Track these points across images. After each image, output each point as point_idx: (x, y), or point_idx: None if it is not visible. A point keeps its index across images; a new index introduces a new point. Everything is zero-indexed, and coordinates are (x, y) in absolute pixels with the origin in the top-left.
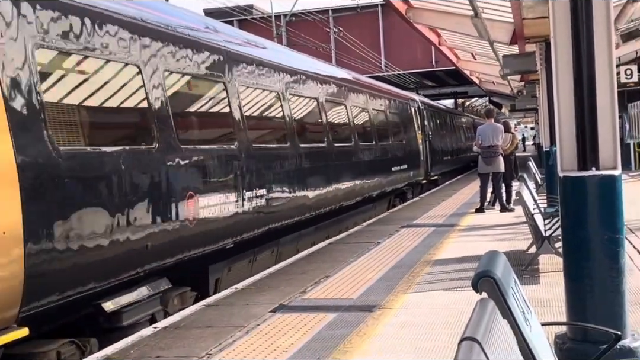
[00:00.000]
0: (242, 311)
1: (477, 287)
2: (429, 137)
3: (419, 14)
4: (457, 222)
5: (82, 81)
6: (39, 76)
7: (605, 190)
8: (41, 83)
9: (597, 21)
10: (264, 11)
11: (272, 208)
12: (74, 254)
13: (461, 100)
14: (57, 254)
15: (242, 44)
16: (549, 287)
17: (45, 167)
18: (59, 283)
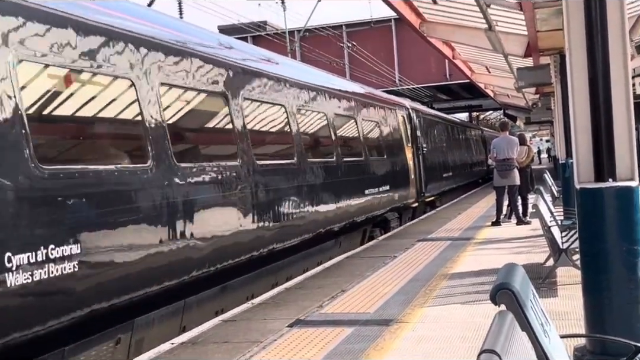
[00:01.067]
0: (259, 326)
1: (495, 300)
2: (423, 150)
3: (432, 28)
4: (473, 235)
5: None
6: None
7: (623, 202)
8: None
9: (612, 33)
10: (277, 27)
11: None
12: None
13: (476, 114)
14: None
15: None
16: (567, 299)
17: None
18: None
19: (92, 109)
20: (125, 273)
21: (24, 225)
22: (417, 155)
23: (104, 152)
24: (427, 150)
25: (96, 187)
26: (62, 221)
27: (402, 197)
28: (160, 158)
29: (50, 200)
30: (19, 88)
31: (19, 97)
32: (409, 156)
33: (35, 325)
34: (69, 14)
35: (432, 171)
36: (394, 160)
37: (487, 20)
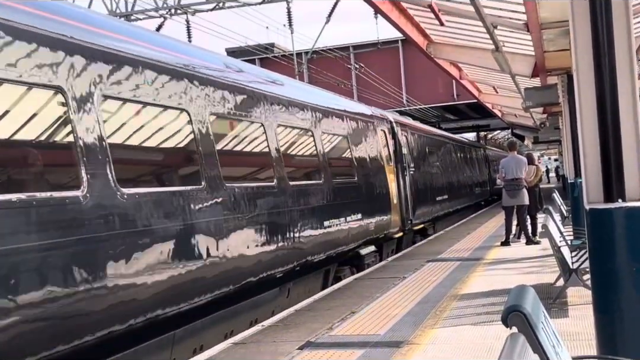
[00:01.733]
0: (270, 349)
1: (507, 322)
2: (410, 170)
3: (439, 49)
4: (482, 255)
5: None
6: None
7: (633, 222)
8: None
9: (619, 52)
10: (285, 49)
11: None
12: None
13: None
14: None
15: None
16: (578, 320)
17: None
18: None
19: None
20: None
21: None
22: (402, 176)
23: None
24: (416, 170)
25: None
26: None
27: (381, 226)
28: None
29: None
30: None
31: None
32: (390, 177)
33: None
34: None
35: (422, 194)
36: (370, 183)
37: (494, 41)
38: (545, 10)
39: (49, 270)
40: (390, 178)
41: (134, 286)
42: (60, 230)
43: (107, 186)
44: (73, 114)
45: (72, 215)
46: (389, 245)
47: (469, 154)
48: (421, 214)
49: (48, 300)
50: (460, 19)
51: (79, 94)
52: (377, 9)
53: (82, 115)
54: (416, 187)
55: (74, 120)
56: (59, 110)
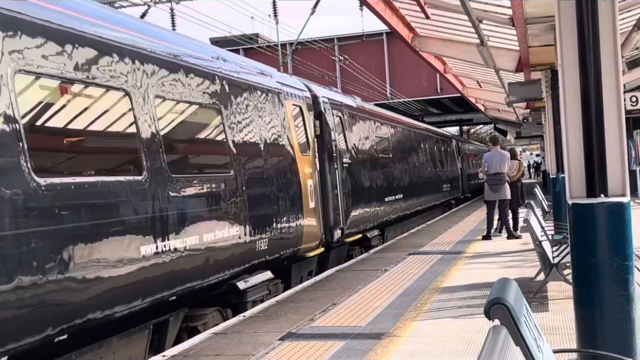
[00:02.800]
0: (251, 339)
1: (489, 315)
2: (343, 162)
3: (424, 42)
4: (464, 249)
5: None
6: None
7: (615, 217)
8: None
9: (604, 48)
10: (269, 40)
11: None
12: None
13: (466, 128)
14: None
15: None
16: (558, 314)
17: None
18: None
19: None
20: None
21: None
22: (330, 170)
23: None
24: (353, 163)
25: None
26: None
27: (285, 242)
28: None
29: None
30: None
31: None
32: (305, 172)
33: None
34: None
35: (363, 194)
36: (262, 179)
37: (479, 35)
38: (530, 5)
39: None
40: (305, 172)
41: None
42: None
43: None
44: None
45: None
46: (306, 266)
47: (437, 145)
48: (360, 220)
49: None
50: (445, 13)
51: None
52: (363, 1)
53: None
54: (354, 185)
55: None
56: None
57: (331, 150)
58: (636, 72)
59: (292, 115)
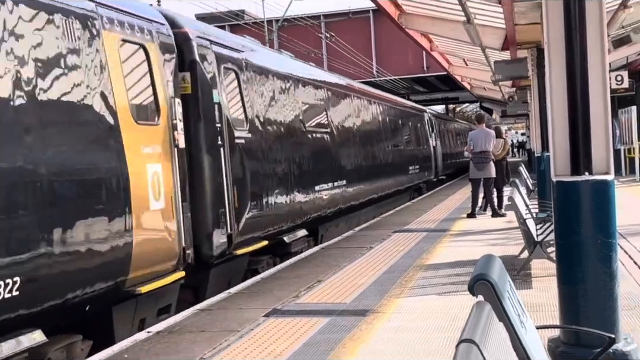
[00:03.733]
0: (236, 315)
1: (473, 290)
2: (234, 136)
3: (410, 20)
4: (449, 227)
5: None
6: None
7: (598, 195)
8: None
9: (590, 26)
10: (255, 16)
11: None
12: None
13: (452, 106)
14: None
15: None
16: (542, 291)
17: None
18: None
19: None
20: None
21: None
22: (209, 148)
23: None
24: (258, 138)
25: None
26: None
27: (75, 277)
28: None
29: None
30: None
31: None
32: (143, 151)
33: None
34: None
35: (273, 183)
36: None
37: (466, 12)
38: None
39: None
40: (143, 153)
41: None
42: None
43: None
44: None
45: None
46: (149, 304)
47: (402, 119)
48: (267, 220)
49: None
50: None
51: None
52: None
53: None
54: (255, 171)
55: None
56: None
57: (212, 119)
58: (622, 50)
59: (118, 57)
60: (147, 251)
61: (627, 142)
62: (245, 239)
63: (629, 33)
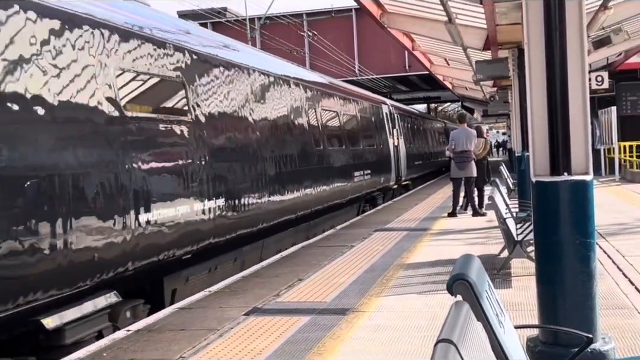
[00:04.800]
0: (216, 314)
1: (452, 290)
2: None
3: (392, 19)
4: (429, 226)
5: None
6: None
7: (577, 195)
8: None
9: (570, 27)
10: (238, 14)
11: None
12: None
13: (434, 105)
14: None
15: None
16: (521, 290)
17: None
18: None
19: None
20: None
21: None
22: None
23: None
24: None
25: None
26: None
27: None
28: None
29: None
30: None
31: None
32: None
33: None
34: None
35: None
36: None
37: (447, 12)
38: None
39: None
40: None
41: None
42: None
43: None
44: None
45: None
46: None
47: (343, 109)
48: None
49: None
50: None
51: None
52: None
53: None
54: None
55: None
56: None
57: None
58: (602, 51)
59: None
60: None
61: (607, 142)
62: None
63: (609, 34)
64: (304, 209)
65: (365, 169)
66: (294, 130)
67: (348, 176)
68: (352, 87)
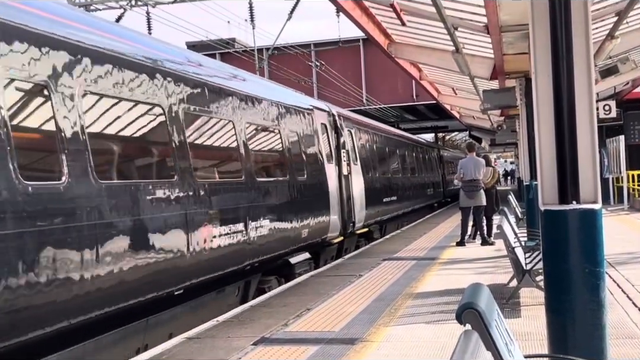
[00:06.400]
0: (224, 344)
1: (461, 319)
2: None
3: (400, 49)
4: (438, 255)
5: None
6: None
7: (586, 224)
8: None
9: (577, 57)
10: (246, 44)
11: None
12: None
13: (442, 135)
14: None
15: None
16: (530, 320)
17: None
18: None
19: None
20: None
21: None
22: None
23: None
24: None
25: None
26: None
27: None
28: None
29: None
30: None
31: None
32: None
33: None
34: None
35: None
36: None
37: (455, 42)
38: (505, 13)
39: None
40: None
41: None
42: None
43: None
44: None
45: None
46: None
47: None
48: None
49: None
50: (421, 20)
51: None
52: (340, 7)
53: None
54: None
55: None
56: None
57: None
58: (609, 80)
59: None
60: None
61: (615, 171)
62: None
63: (616, 63)
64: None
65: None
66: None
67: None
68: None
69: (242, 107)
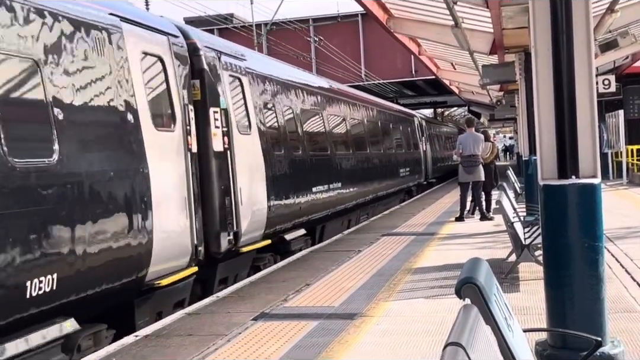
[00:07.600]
0: (224, 319)
1: (460, 294)
2: None
3: (399, 24)
4: (437, 230)
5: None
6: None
7: (585, 199)
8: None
9: (577, 31)
10: (244, 20)
11: None
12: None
13: (440, 110)
14: None
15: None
16: (529, 294)
17: None
18: None
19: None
20: None
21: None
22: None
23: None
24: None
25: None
26: None
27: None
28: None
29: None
30: None
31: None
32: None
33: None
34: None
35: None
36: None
37: (454, 17)
38: None
39: None
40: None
41: None
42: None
43: None
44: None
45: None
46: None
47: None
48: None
49: None
50: None
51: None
52: None
53: None
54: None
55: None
56: None
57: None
58: (609, 55)
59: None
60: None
61: (615, 145)
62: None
63: (616, 37)
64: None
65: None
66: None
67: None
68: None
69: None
